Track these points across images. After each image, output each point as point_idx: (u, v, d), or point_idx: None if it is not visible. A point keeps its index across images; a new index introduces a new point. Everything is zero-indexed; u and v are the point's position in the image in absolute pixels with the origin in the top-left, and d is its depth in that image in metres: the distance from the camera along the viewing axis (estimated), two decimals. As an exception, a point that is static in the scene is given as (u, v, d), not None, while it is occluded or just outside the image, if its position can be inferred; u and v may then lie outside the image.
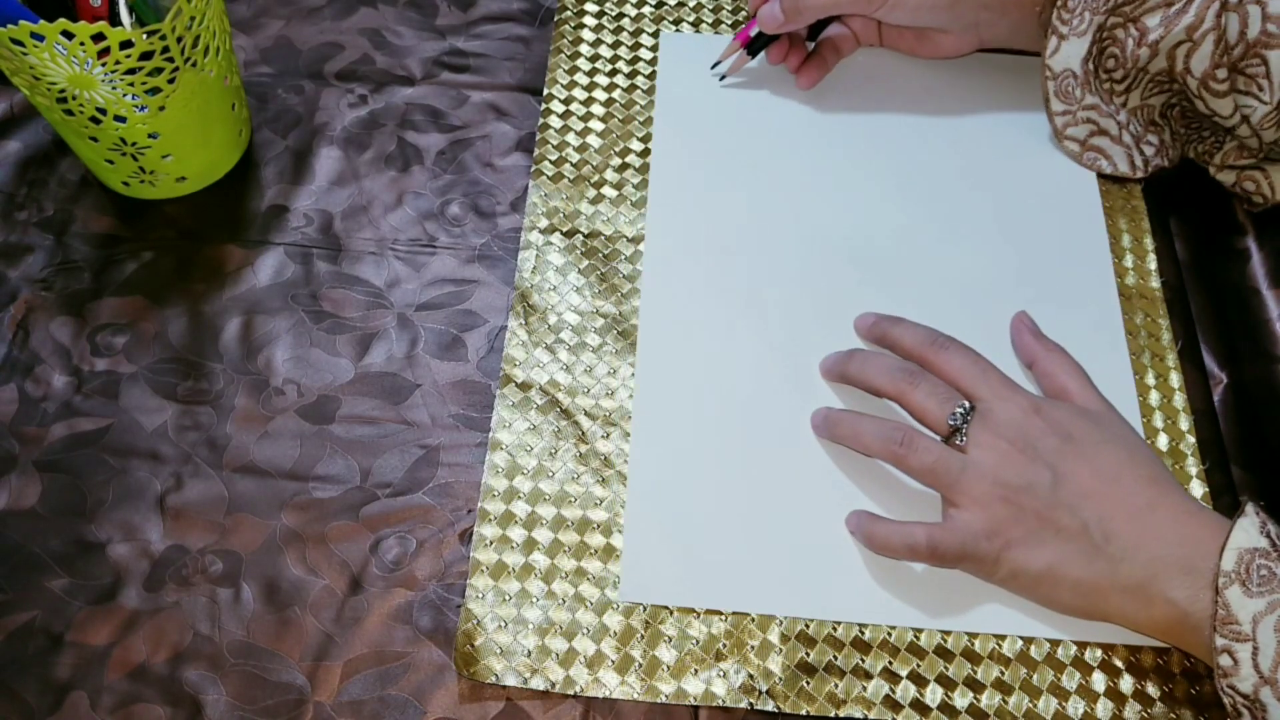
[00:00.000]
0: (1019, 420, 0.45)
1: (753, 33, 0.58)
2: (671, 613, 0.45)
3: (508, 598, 0.45)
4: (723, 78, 0.60)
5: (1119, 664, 0.44)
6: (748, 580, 0.46)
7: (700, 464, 0.48)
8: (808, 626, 0.45)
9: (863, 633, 0.45)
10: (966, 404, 0.45)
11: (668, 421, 0.49)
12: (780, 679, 0.44)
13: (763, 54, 0.59)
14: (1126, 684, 0.44)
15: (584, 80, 0.61)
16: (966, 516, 0.44)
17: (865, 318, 0.51)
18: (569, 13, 0.63)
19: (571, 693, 0.43)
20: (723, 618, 0.45)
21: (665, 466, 0.48)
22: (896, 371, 0.47)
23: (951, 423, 0.45)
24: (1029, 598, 0.44)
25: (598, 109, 0.60)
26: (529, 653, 0.44)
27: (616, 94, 0.60)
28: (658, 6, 0.64)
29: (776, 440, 0.49)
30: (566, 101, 0.60)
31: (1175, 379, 0.51)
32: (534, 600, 0.45)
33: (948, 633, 0.45)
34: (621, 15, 0.63)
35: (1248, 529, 0.40)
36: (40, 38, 0.44)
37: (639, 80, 0.61)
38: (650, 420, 0.49)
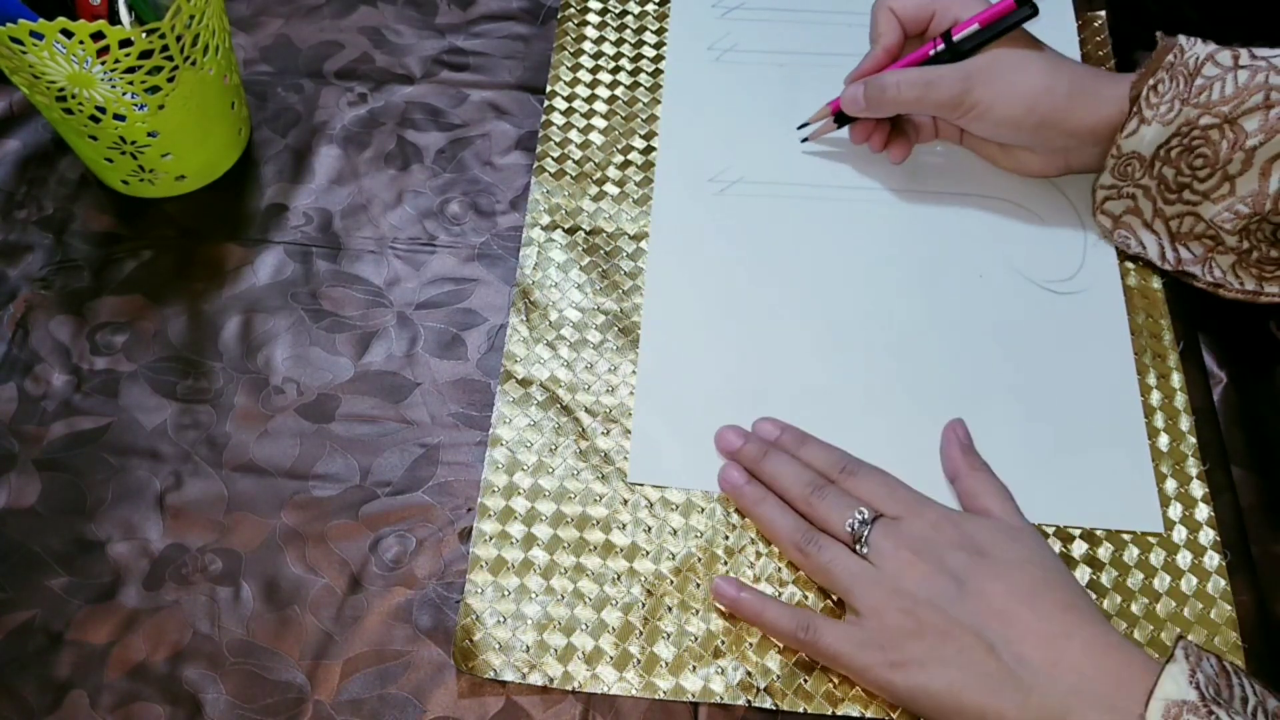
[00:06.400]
0: (925, 532, 0.43)
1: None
2: (670, 609, 0.45)
3: (506, 593, 0.45)
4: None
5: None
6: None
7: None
8: (807, 624, 0.45)
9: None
10: (867, 512, 0.44)
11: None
12: (778, 676, 0.44)
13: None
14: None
15: (587, 78, 0.61)
16: (861, 622, 0.42)
17: (769, 429, 0.48)
18: (572, 10, 0.63)
19: (569, 688, 0.43)
20: (721, 614, 0.45)
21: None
22: (805, 485, 0.46)
23: (849, 528, 0.44)
24: None
25: (600, 106, 0.60)
26: (527, 648, 0.44)
27: (619, 91, 0.60)
28: (661, 4, 0.64)
29: (776, 438, 0.49)
30: (569, 99, 0.60)
31: (1176, 379, 0.51)
32: (533, 596, 0.45)
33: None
34: (625, 13, 0.63)
35: (1176, 678, 0.37)
36: (40, 36, 0.44)
37: (641, 78, 0.61)
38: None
